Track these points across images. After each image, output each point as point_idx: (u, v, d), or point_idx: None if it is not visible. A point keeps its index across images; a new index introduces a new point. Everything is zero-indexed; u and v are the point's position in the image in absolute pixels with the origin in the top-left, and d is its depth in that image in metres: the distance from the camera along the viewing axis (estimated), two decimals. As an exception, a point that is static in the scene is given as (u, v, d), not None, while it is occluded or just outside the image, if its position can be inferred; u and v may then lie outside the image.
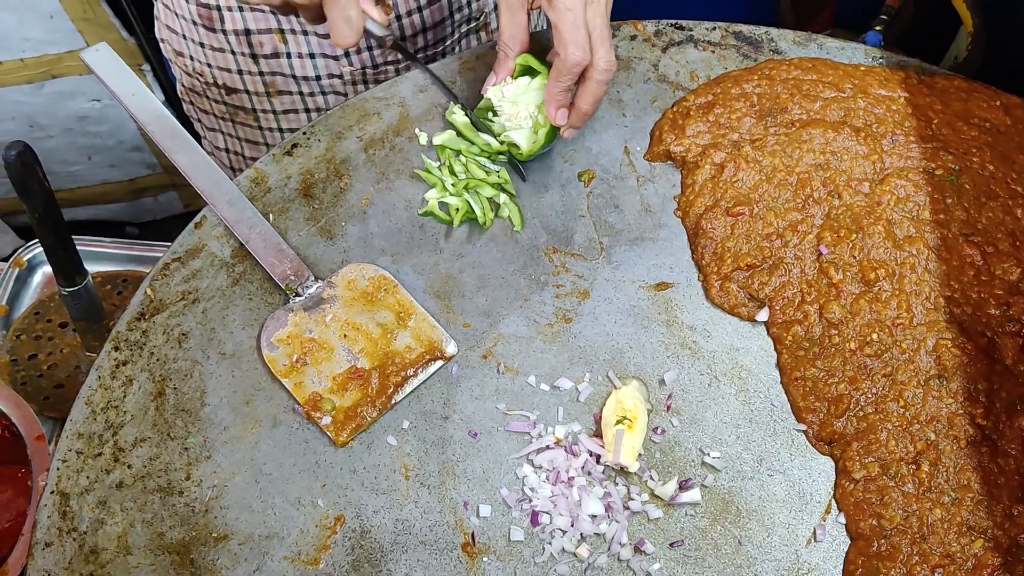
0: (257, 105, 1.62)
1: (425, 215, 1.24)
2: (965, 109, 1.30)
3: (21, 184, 1.19)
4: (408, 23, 1.51)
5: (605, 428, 1.07)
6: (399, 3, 1.47)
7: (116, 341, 1.13)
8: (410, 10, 1.49)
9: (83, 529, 1.02)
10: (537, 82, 1.26)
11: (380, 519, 1.04)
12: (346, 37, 1.13)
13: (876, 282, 1.14)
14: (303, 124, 1.60)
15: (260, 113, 1.63)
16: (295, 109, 1.62)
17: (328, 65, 1.54)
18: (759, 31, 1.41)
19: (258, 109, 1.62)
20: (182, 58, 1.60)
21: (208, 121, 1.68)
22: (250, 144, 1.68)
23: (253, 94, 1.60)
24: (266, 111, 1.63)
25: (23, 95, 2.43)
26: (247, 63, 1.54)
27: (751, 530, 1.03)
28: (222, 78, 1.58)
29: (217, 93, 1.62)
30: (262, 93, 1.59)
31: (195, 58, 1.57)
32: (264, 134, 1.67)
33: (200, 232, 1.22)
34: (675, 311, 1.18)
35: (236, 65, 1.55)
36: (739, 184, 1.23)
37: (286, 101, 1.61)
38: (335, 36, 1.13)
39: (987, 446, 1.04)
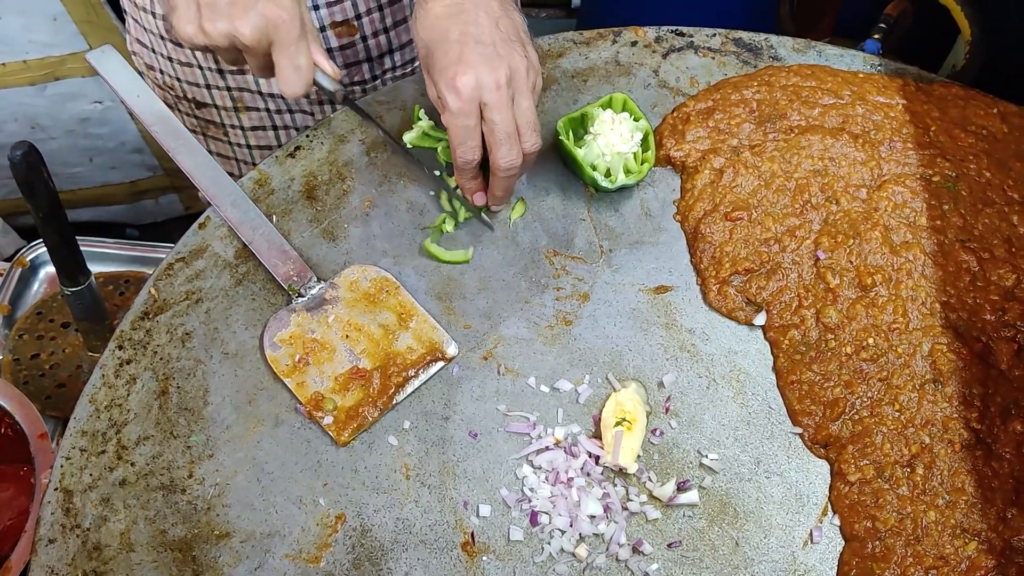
0: (226, 120, 1.62)
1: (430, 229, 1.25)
2: (962, 116, 1.31)
3: (26, 184, 1.20)
4: (374, 44, 1.51)
5: (604, 430, 1.08)
6: (365, 24, 1.48)
7: (120, 340, 1.14)
8: (376, 31, 1.50)
9: (86, 526, 1.03)
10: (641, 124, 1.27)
11: (381, 518, 1.05)
12: (294, 86, 1.11)
13: (873, 287, 1.15)
14: (271, 141, 1.62)
15: (230, 128, 1.64)
16: (263, 126, 1.62)
17: None
18: (759, 38, 1.43)
19: (227, 124, 1.63)
20: (153, 72, 1.60)
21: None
22: (221, 158, 1.69)
23: (222, 109, 1.60)
24: (235, 127, 1.63)
25: (26, 96, 2.44)
26: (215, 78, 1.55)
27: (748, 531, 1.04)
28: (192, 92, 1.59)
29: (188, 107, 1.62)
30: (231, 108, 1.60)
31: (165, 72, 1.58)
32: (234, 149, 1.67)
33: (204, 233, 1.23)
34: (674, 314, 1.19)
35: (204, 80, 1.55)
36: (738, 189, 1.24)
37: (254, 118, 1.61)
38: (283, 84, 1.11)
39: (981, 450, 1.05)
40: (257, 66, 1.14)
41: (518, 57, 1.12)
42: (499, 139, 1.12)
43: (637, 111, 1.27)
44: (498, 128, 1.11)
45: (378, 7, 1.46)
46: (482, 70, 1.09)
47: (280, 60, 1.10)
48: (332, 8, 1.43)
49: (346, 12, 1.45)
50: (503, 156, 1.13)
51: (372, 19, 1.47)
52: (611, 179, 1.25)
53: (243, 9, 1.06)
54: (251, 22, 1.06)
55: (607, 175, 1.25)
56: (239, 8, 1.06)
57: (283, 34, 1.08)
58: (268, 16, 1.06)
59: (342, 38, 1.47)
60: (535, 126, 1.14)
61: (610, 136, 1.24)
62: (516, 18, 1.17)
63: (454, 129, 1.12)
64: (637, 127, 1.26)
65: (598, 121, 1.25)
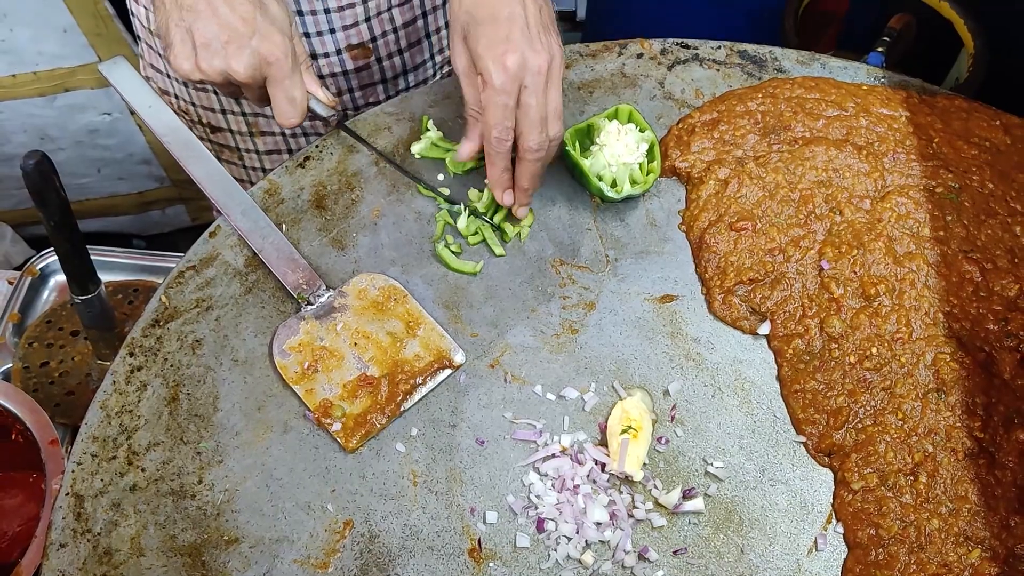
0: (241, 144, 1.64)
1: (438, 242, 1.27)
2: (965, 128, 1.32)
3: (38, 193, 1.21)
4: (389, 65, 1.53)
5: (610, 437, 1.09)
6: (380, 46, 1.50)
7: (131, 347, 1.15)
8: (391, 53, 1.52)
9: (97, 531, 1.04)
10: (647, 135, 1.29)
11: (388, 524, 1.06)
12: (290, 117, 1.16)
13: (876, 297, 1.16)
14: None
15: (244, 152, 1.65)
16: (278, 150, 1.64)
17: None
18: (763, 50, 1.44)
19: (242, 148, 1.64)
20: (167, 96, 1.62)
21: None
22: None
23: (237, 133, 1.62)
24: (249, 151, 1.65)
25: (35, 107, 2.46)
26: (229, 103, 1.56)
27: (753, 539, 1.05)
28: (206, 117, 1.60)
29: (203, 131, 1.64)
30: (245, 133, 1.61)
31: (180, 96, 1.60)
32: (248, 173, 1.69)
33: (214, 241, 1.24)
34: (679, 323, 1.20)
35: (219, 105, 1.57)
36: (742, 200, 1.25)
37: (268, 142, 1.63)
38: (279, 116, 1.16)
39: (984, 458, 1.06)
40: (254, 98, 1.18)
41: (555, 46, 1.15)
42: (532, 121, 1.14)
43: (643, 122, 1.28)
44: (532, 111, 1.13)
45: (393, 30, 1.48)
46: (528, 53, 1.11)
47: (275, 94, 1.14)
48: (348, 31, 1.45)
49: (361, 35, 1.46)
50: (533, 139, 1.15)
51: (387, 41, 1.49)
52: (616, 189, 1.26)
53: (237, 48, 1.10)
54: (245, 60, 1.11)
55: (613, 185, 1.26)
56: (233, 47, 1.10)
57: (276, 70, 1.12)
58: (262, 54, 1.11)
59: (357, 60, 1.49)
60: (560, 114, 1.17)
61: (616, 147, 1.26)
62: (551, 8, 1.20)
63: (494, 107, 1.13)
64: (643, 138, 1.27)
65: (604, 132, 1.27)
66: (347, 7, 1.42)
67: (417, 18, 1.50)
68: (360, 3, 1.42)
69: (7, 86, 2.37)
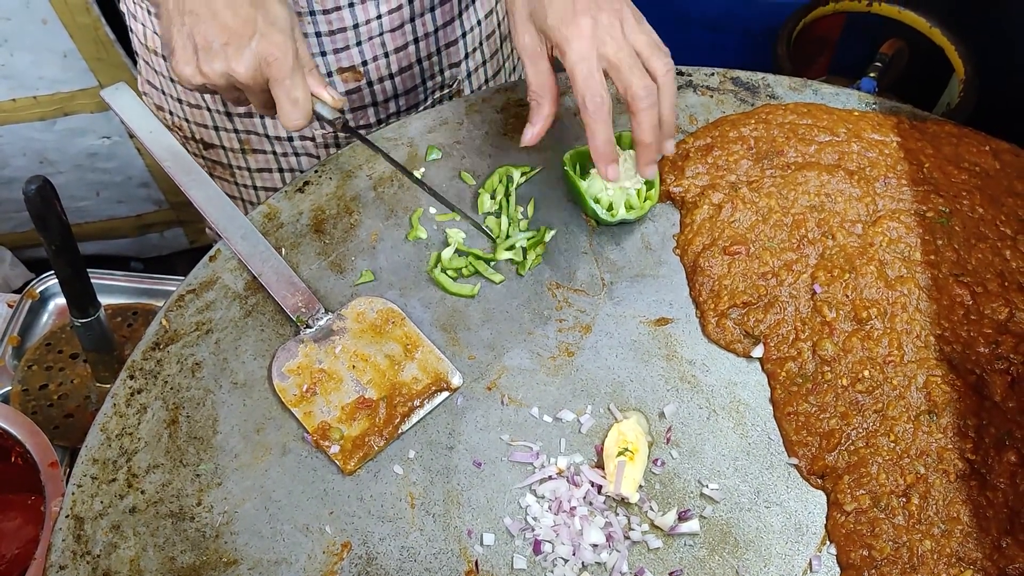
0: (233, 162, 1.65)
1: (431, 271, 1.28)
2: (956, 153, 1.34)
3: (40, 217, 1.22)
4: (380, 89, 1.55)
5: (607, 459, 1.10)
6: (371, 70, 1.51)
7: (131, 370, 1.16)
8: (382, 77, 1.53)
9: (96, 552, 1.04)
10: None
11: (386, 546, 1.06)
12: (294, 120, 1.14)
13: (868, 320, 1.18)
14: (277, 183, 1.65)
15: (236, 170, 1.67)
16: (269, 168, 1.65)
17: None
18: (756, 77, 1.46)
19: (234, 166, 1.66)
20: (162, 112, 1.64)
21: None
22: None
23: (229, 151, 1.63)
24: (241, 168, 1.66)
25: (35, 132, 2.48)
26: (223, 120, 1.58)
27: (748, 560, 1.06)
28: (200, 133, 1.62)
29: (196, 148, 1.65)
30: (237, 150, 1.63)
31: (174, 113, 1.61)
32: (240, 190, 1.70)
33: (214, 265, 1.25)
34: (675, 346, 1.21)
35: (212, 121, 1.59)
36: (736, 224, 1.27)
37: (260, 160, 1.64)
38: (283, 118, 1.14)
39: (976, 480, 1.07)
40: (259, 103, 1.17)
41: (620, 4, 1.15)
42: (626, 66, 1.13)
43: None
44: (622, 62, 1.13)
45: (384, 54, 1.50)
46: (598, 14, 1.12)
47: (278, 95, 1.13)
48: (339, 55, 1.47)
49: (352, 58, 1.48)
50: (636, 83, 1.13)
51: (378, 65, 1.51)
52: (612, 213, 1.27)
53: (237, 49, 1.10)
54: (245, 61, 1.10)
55: (609, 209, 1.28)
56: (233, 48, 1.09)
57: (276, 70, 1.11)
58: (261, 53, 1.10)
59: (348, 83, 1.51)
60: (657, 46, 1.15)
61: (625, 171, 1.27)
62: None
63: (579, 74, 1.13)
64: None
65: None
66: (338, 31, 1.44)
67: (409, 44, 1.52)
68: (351, 28, 1.44)
69: (7, 110, 2.39)
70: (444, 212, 1.31)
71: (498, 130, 1.41)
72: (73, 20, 2.22)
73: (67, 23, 2.22)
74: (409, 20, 1.49)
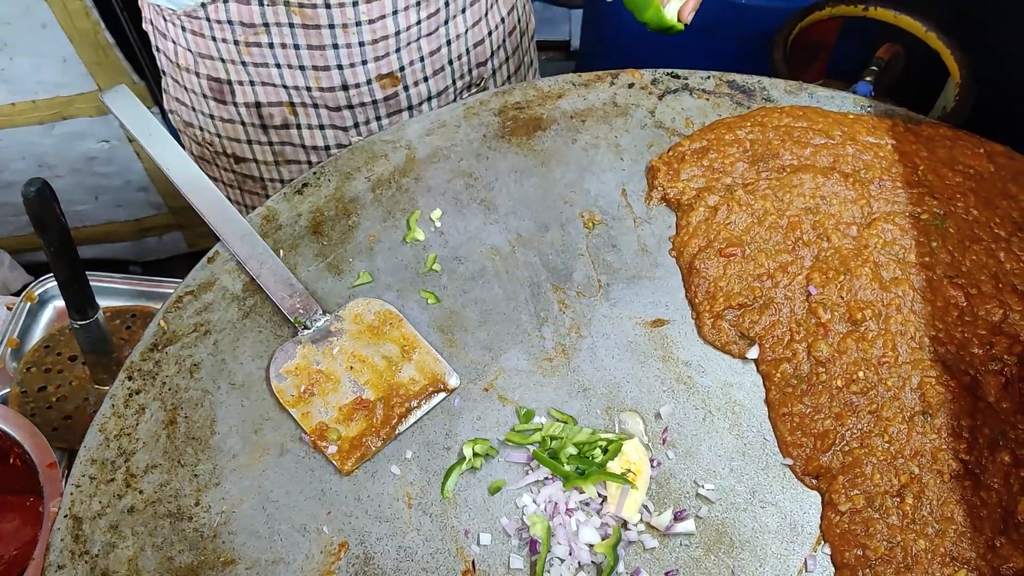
0: (265, 174, 1.66)
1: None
2: (950, 156, 1.35)
3: (39, 219, 1.23)
4: (415, 93, 1.57)
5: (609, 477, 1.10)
6: (407, 75, 1.53)
7: (130, 371, 1.17)
8: (417, 80, 1.55)
9: (95, 552, 1.05)
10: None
11: (383, 546, 1.07)
12: None
13: (863, 322, 1.18)
14: None
15: (268, 182, 1.68)
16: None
17: (337, 136, 1.59)
18: (752, 80, 1.47)
19: (266, 178, 1.67)
20: (192, 128, 1.64)
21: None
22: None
23: (262, 163, 1.64)
24: (274, 180, 1.67)
25: (34, 136, 2.49)
26: (257, 133, 1.59)
27: (744, 560, 1.06)
28: (231, 148, 1.63)
29: (226, 162, 1.66)
30: (271, 162, 1.64)
31: (205, 128, 1.62)
32: None
33: (213, 267, 1.26)
34: (671, 347, 1.21)
35: (246, 135, 1.60)
36: (732, 226, 1.27)
37: (294, 170, 1.65)
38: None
39: (970, 480, 1.08)
40: None
41: None
42: None
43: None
44: None
45: (420, 58, 1.52)
46: None
47: None
48: (379, 62, 1.49)
49: (391, 65, 1.50)
50: None
51: (414, 70, 1.53)
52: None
53: None
54: None
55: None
56: None
57: None
58: None
59: (386, 89, 1.53)
60: None
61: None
62: None
63: None
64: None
65: None
66: (380, 40, 1.45)
67: (442, 46, 1.54)
68: (392, 35, 1.46)
69: (7, 114, 2.40)
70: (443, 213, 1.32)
71: (495, 132, 1.41)
72: (72, 24, 2.22)
73: (66, 27, 2.23)
74: (443, 23, 1.51)
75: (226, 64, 1.49)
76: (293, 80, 1.50)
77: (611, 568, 1.04)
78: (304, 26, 1.42)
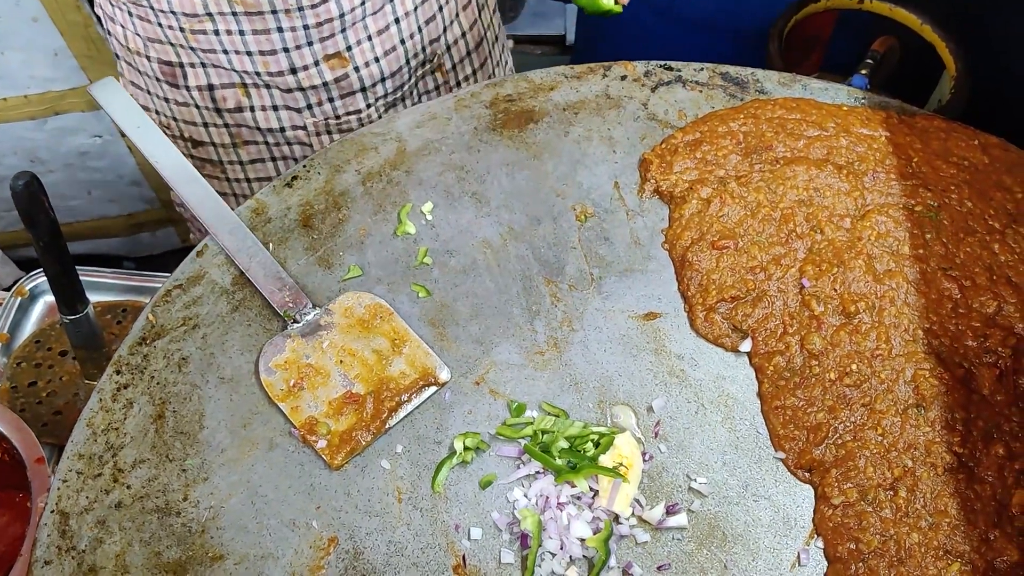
0: (224, 157, 1.65)
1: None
2: (944, 148, 1.34)
3: (28, 213, 1.22)
4: (367, 73, 1.55)
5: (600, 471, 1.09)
6: (356, 55, 1.52)
7: (118, 365, 1.16)
8: (367, 61, 1.54)
9: (82, 548, 1.04)
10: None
11: (373, 541, 1.06)
12: None
13: (856, 314, 1.17)
14: (271, 173, 1.65)
15: (227, 165, 1.66)
16: (261, 158, 1.65)
17: (292, 117, 1.58)
18: (745, 72, 1.46)
19: (224, 161, 1.65)
20: (148, 112, 1.63)
21: None
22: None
23: (219, 146, 1.63)
24: (232, 162, 1.66)
25: (26, 131, 2.47)
26: (212, 116, 1.58)
27: (737, 554, 1.06)
28: (188, 131, 1.61)
29: (184, 146, 1.64)
30: (228, 145, 1.62)
31: (160, 112, 1.61)
32: (232, 185, 1.70)
33: (201, 260, 1.25)
34: (663, 340, 1.21)
35: (201, 118, 1.58)
36: (724, 219, 1.27)
37: (252, 151, 1.64)
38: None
39: (964, 473, 1.07)
40: None
41: None
42: None
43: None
44: None
45: (367, 37, 1.50)
46: None
47: None
48: (325, 43, 1.47)
49: (337, 45, 1.48)
50: None
51: (362, 49, 1.51)
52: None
53: None
54: None
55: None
56: None
57: None
58: None
59: (335, 70, 1.51)
60: None
61: None
62: None
63: None
64: None
65: None
66: (324, 22, 1.44)
67: (390, 24, 1.52)
68: (337, 17, 1.45)
69: (-2, 109, 2.39)
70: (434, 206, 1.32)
71: (486, 125, 1.41)
72: (63, 18, 2.21)
73: (57, 21, 2.21)
74: (388, 1, 1.49)
75: (175, 48, 1.48)
76: (242, 65, 1.49)
77: (603, 562, 1.04)
78: (247, 13, 1.41)
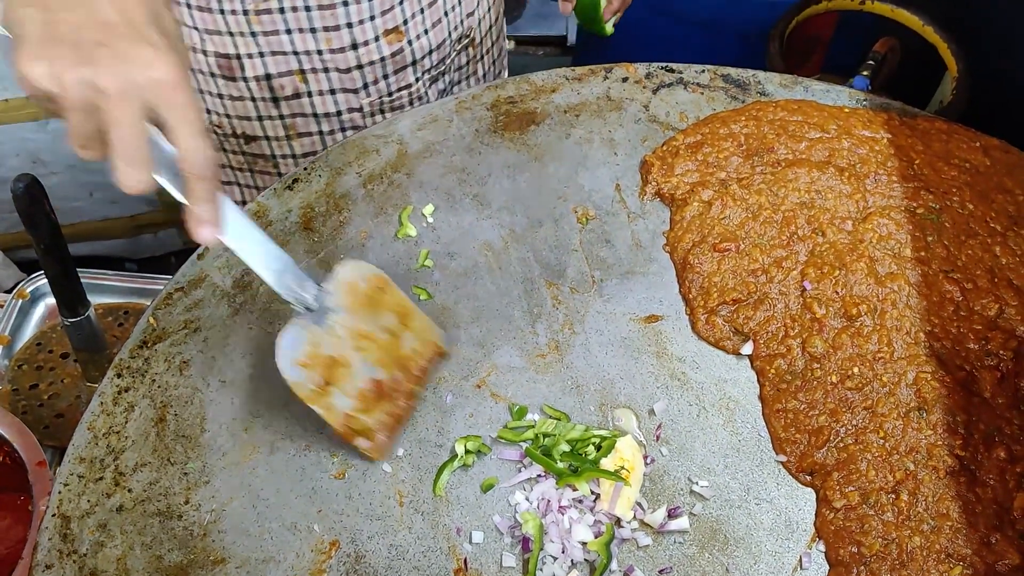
0: (277, 151, 1.65)
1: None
2: (946, 150, 1.34)
3: (28, 216, 1.22)
4: (418, 46, 1.57)
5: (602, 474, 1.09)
6: (410, 28, 1.53)
7: (119, 368, 1.16)
8: (419, 34, 1.55)
9: (83, 551, 1.04)
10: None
11: (374, 544, 1.06)
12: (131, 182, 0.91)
13: (858, 317, 1.17)
14: None
15: (280, 159, 1.66)
16: (315, 151, 1.65)
17: (348, 99, 1.58)
18: (746, 74, 1.46)
19: (278, 155, 1.65)
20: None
21: (224, 175, 1.70)
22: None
23: (273, 139, 1.63)
24: (286, 156, 1.66)
25: (28, 132, 2.47)
26: (267, 108, 1.58)
27: (738, 558, 1.05)
28: (241, 127, 1.61)
29: (235, 144, 1.64)
30: (282, 137, 1.62)
31: (212, 110, 1.60)
32: None
33: (202, 263, 1.25)
34: (665, 343, 1.21)
35: (256, 111, 1.58)
36: (726, 221, 1.26)
37: (306, 143, 1.64)
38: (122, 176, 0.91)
39: (965, 476, 1.07)
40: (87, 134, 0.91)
41: None
42: None
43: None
44: None
45: (420, 10, 1.53)
46: None
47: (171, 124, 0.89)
48: (385, 16, 1.49)
49: (396, 19, 1.50)
50: None
51: (415, 22, 1.54)
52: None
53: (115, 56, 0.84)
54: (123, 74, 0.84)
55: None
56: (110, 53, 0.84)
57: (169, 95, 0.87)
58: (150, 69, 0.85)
59: (392, 44, 1.53)
60: None
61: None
62: None
63: None
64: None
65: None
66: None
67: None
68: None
69: (0, 111, 2.39)
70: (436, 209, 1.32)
71: (487, 127, 1.41)
72: (65, 20, 2.21)
73: (59, 23, 2.21)
74: None
75: (234, 37, 1.48)
76: (304, 44, 1.49)
77: (604, 566, 1.04)
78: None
